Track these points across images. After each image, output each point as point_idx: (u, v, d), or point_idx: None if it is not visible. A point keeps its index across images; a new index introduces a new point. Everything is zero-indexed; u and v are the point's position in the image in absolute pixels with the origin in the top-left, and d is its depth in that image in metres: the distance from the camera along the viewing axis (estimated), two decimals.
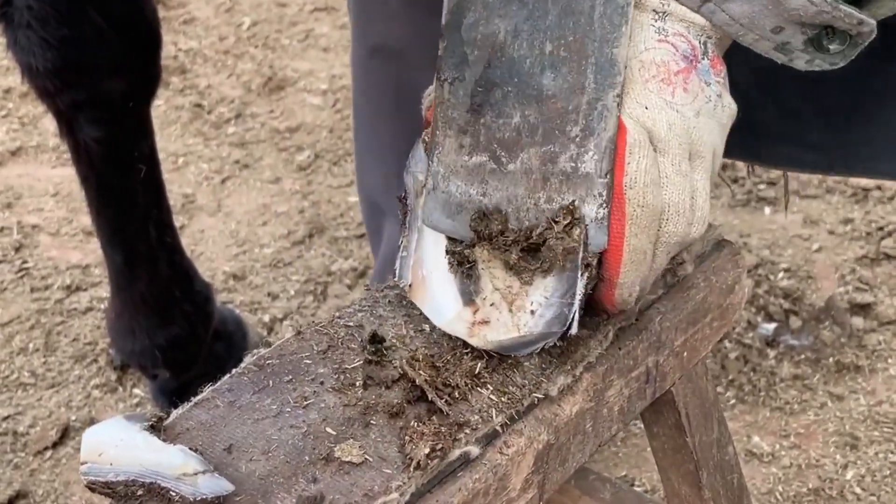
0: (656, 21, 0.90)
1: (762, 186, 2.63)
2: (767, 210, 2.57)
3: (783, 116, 1.23)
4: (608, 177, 0.87)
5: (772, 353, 2.15)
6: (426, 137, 0.96)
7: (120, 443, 0.79)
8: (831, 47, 0.89)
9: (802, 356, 2.13)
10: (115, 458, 0.78)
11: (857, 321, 2.20)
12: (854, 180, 2.64)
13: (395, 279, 1.00)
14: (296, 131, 2.98)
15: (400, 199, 0.99)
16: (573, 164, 0.88)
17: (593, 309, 0.95)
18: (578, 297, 0.89)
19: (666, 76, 0.89)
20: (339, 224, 2.61)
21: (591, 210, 0.88)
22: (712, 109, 0.92)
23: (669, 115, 0.89)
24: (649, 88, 0.89)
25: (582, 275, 0.88)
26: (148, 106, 1.71)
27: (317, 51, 3.37)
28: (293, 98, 3.14)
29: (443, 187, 0.93)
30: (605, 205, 0.88)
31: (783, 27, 0.89)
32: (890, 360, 2.12)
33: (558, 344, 0.94)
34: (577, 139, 0.88)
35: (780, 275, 2.34)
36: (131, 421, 0.81)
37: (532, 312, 0.90)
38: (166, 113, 3.05)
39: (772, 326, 2.18)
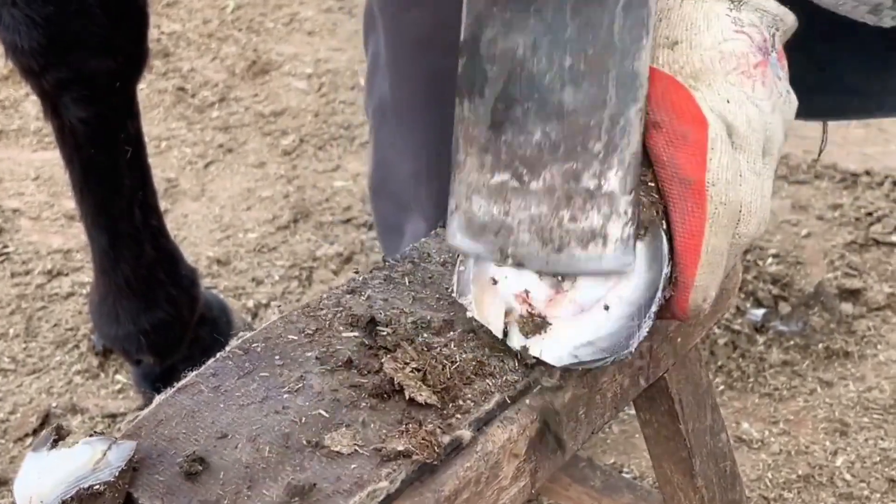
0: (731, 11, 0.88)
1: None
2: None
3: (817, 68, 1.19)
4: (632, 194, 0.85)
5: (761, 338, 2.13)
6: None
7: (39, 477, 0.80)
8: None
9: (791, 342, 2.12)
10: (41, 494, 0.79)
11: (847, 307, 2.19)
12: (843, 165, 2.63)
13: (455, 295, 0.96)
14: (280, 115, 2.96)
15: None
16: (596, 182, 0.85)
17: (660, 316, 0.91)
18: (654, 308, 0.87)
19: (746, 69, 0.87)
20: (325, 209, 2.58)
21: (615, 230, 0.85)
22: (783, 105, 0.90)
23: (750, 110, 0.87)
24: (730, 81, 0.86)
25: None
26: (134, 86, 1.68)
27: (301, 34, 3.35)
28: (277, 82, 3.12)
29: (465, 207, 0.90)
30: (630, 223, 0.85)
31: None
32: (879, 346, 2.11)
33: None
34: (600, 155, 0.85)
35: (769, 260, 2.33)
36: (38, 449, 0.82)
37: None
38: (149, 96, 3.02)
39: (761, 312, 2.17)
